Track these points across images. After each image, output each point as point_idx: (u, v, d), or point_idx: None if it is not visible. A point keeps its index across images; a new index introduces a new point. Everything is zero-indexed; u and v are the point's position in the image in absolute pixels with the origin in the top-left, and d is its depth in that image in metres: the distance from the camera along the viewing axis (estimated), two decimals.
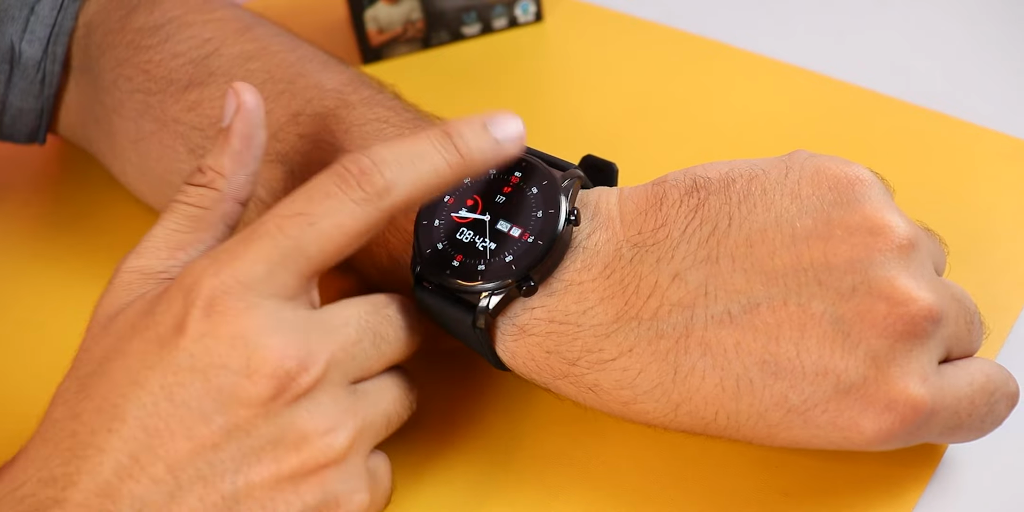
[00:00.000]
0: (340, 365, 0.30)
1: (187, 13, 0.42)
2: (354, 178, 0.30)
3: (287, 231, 0.30)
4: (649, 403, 0.32)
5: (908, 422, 0.30)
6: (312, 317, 0.30)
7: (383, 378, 0.33)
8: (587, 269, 0.33)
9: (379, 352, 0.32)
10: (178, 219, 0.34)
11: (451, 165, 0.32)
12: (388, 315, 0.33)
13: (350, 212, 0.30)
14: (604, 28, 0.57)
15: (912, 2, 0.57)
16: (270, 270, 0.29)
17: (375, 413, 0.32)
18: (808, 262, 0.31)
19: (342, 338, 0.31)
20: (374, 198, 0.30)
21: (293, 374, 0.29)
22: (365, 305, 0.32)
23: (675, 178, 0.34)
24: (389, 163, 0.31)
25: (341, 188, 0.30)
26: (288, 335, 0.29)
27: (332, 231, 0.30)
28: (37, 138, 0.46)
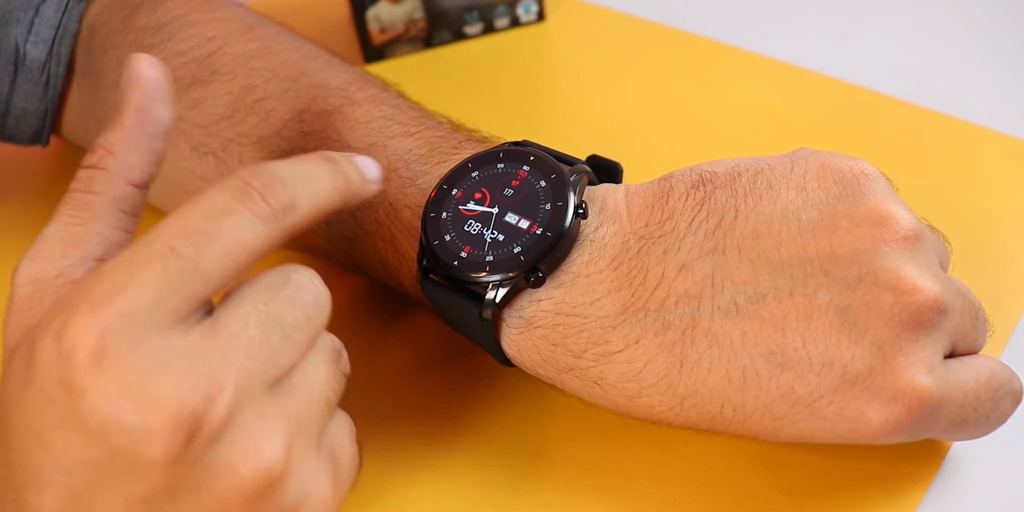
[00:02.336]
0: (253, 376, 0.27)
1: (190, 12, 0.42)
2: (257, 192, 0.28)
3: (181, 251, 0.26)
4: (655, 396, 0.32)
5: (914, 413, 0.30)
6: (207, 333, 0.27)
7: (306, 362, 0.29)
8: (594, 261, 0.33)
9: (292, 342, 0.28)
10: (69, 210, 0.30)
11: (339, 190, 0.30)
12: (288, 296, 0.29)
13: (253, 229, 0.27)
14: (606, 28, 0.57)
15: (914, 2, 0.58)
16: (158, 297, 0.26)
17: (309, 405, 0.29)
18: (814, 253, 0.31)
19: (245, 345, 0.27)
20: (279, 214, 0.28)
21: (200, 412, 0.25)
22: (258, 294, 0.28)
23: (681, 173, 0.34)
24: (287, 180, 0.28)
25: (243, 203, 0.27)
26: (183, 370, 0.26)
27: (235, 250, 0.27)
28: (40, 140, 0.47)
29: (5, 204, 0.50)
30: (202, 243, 0.27)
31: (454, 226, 0.34)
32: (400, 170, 0.37)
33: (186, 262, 0.26)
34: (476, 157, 0.35)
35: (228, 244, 0.27)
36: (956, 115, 0.49)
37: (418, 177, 0.37)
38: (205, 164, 0.40)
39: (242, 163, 0.40)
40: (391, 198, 0.37)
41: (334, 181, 0.30)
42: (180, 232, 0.27)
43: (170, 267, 0.26)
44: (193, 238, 0.27)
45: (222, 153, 0.40)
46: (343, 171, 0.31)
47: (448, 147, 0.37)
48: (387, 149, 0.37)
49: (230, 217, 0.27)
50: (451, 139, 0.38)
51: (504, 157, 0.35)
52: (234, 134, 0.40)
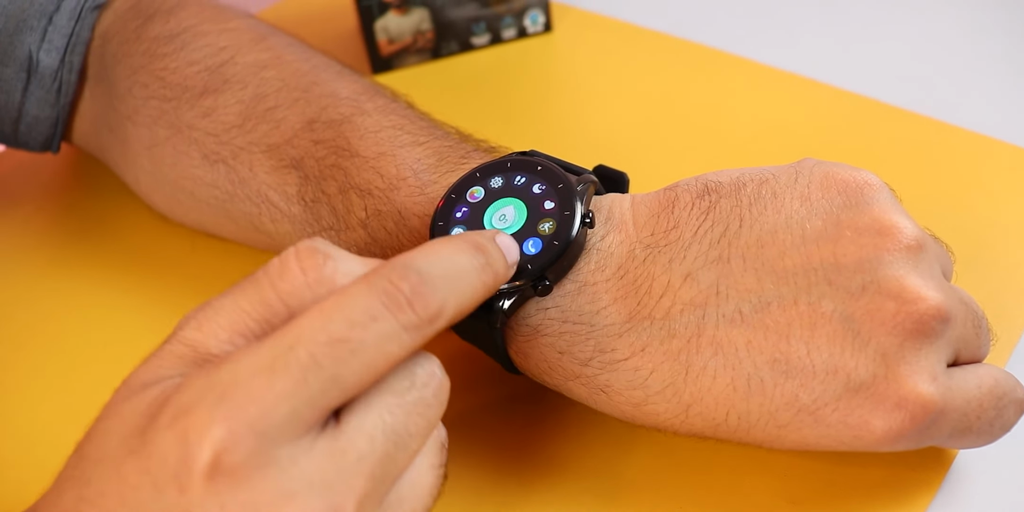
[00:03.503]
0: (371, 497, 0.26)
1: (202, 22, 0.43)
2: (405, 298, 0.26)
3: (322, 361, 0.25)
4: (660, 404, 0.32)
5: (918, 421, 0.30)
6: (333, 450, 0.25)
7: (414, 471, 0.28)
8: (601, 270, 0.33)
9: (408, 452, 0.27)
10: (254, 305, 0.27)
11: (486, 287, 0.29)
12: (414, 401, 0.27)
13: (398, 340, 0.26)
14: (613, 38, 0.58)
15: (917, 13, 0.58)
16: (294, 410, 0.24)
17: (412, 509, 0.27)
18: (818, 262, 0.31)
19: (370, 467, 0.26)
20: (425, 324, 0.26)
21: None
22: (386, 399, 0.27)
23: (687, 183, 0.34)
24: (437, 282, 0.27)
25: (391, 310, 0.26)
26: (309, 496, 0.24)
27: (377, 361, 0.25)
28: (51, 146, 0.47)
29: (16, 211, 0.51)
30: (345, 355, 0.25)
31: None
32: (409, 179, 0.37)
33: (327, 373, 0.25)
34: (484, 167, 0.36)
35: (372, 356, 0.25)
36: (960, 125, 0.49)
37: (427, 186, 0.37)
38: (216, 172, 0.41)
39: (252, 171, 0.40)
40: (400, 207, 0.37)
41: (483, 279, 0.29)
42: (323, 339, 0.25)
43: (310, 379, 0.25)
44: (336, 347, 0.25)
45: (233, 161, 0.40)
46: (492, 264, 0.30)
47: (456, 157, 0.38)
48: (396, 158, 0.38)
49: (376, 325, 0.26)
50: (459, 149, 0.38)
51: (512, 167, 0.35)
52: (245, 142, 0.40)
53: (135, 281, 0.46)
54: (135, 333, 0.43)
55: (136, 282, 0.46)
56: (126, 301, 0.45)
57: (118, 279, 0.46)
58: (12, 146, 0.47)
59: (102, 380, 0.29)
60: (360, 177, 0.38)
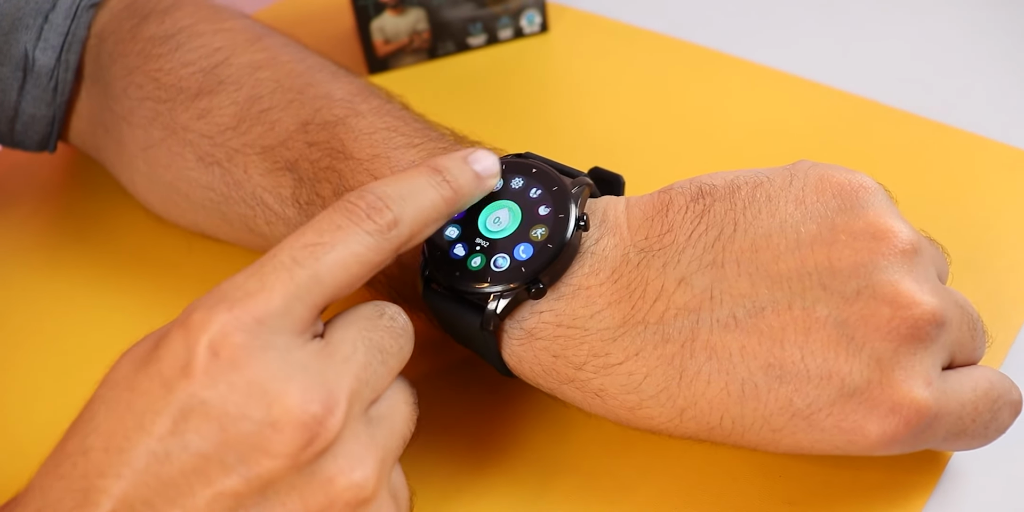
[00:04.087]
0: (359, 396, 0.29)
1: (198, 23, 0.43)
2: (363, 211, 0.30)
3: (302, 262, 0.29)
4: (655, 408, 0.32)
5: (912, 425, 0.30)
6: (323, 350, 0.29)
7: (391, 395, 0.31)
8: (595, 274, 0.33)
9: (387, 368, 0.31)
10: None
11: (446, 199, 0.32)
12: (386, 325, 0.31)
13: (364, 241, 0.30)
14: (609, 39, 0.58)
15: (915, 13, 0.58)
16: (287, 304, 0.28)
17: (393, 439, 0.30)
18: (812, 266, 0.31)
19: (355, 368, 0.29)
20: (384, 230, 0.30)
21: (320, 419, 0.27)
22: (362, 321, 0.31)
23: (681, 186, 0.34)
24: (392, 198, 0.31)
25: (352, 220, 0.30)
26: (306, 378, 0.27)
27: (348, 259, 0.29)
28: (48, 146, 0.47)
29: (13, 212, 0.50)
30: (320, 253, 0.29)
31: (457, 238, 0.35)
32: None
33: (308, 271, 0.29)
34: None
35: (343, 254, 0.29)
36: (957, 126, 0.49)
37: None
38: (211, 174, 0.41)
39: (247, 173, 0.40)
40: None
41: (440, 192, 0.32)
42: (299, 245, 0.29)
43: (295, 276, 0.28)
44: (311, 249, 0.29)
45: (227, 163, 0.40)
46: (450, 179, 0.33)
47: None
48: (390, 160, 0.38)
49: (340, 231, 0.30)
50: (454, 151, 0.38)
51: (507, 169, 0.35)
52: (239, 144, 0.40)
53: (132, 282, 0.46)
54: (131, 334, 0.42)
55: (133, 283, 0.46)
56: (122, 302, 0.45)
57: (115, 280, 0.46)
58: (8, 146, 0.47)
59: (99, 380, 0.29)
60: (354, 179, 0.38)
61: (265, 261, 0.29)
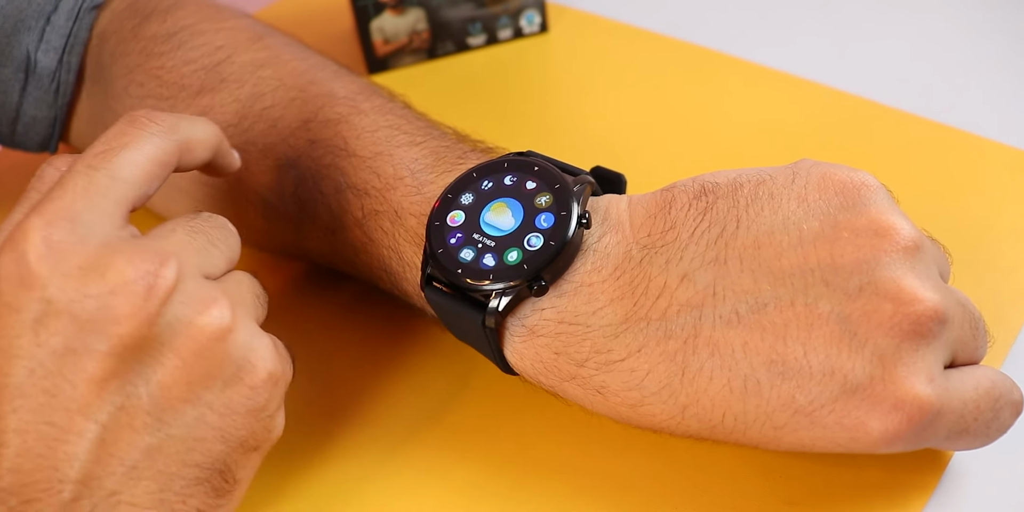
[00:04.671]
0: (189, 259, 0.31)
1: (199, 22, 0.43)
2: (143, 117, 0.33)
3: (96, 165, 0.31)
4: (657, 405, 0.32)
5: (914, 422, 0.30)
6: (142, 236, 0.31)
7: (230, 273, 0.33)
8: (597, 271, 0.33)
9: (217, 249, 0.32)
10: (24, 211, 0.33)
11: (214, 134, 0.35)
12: (205, 219, 0.33)
13: (149, 141, 0.32)
14: (609, 39, 0.58)
15: (914, 13, 0.58)
16: (91, 202, 0.30)
17: (240, 292, 0.32)
18: (815, 263, 0.31)
19: (176, 240, 0.31)
20: (166, 131, 0.33)
21: (154, 273, 0.29)
22: (179, 219, 0.33)
23: (684, 184, 0.34)
24: (165, 116, 0.33)
25: (134, 126, 0.32)
26: (131, 249, 0.29)
27: (139, 156, 0.31)
28: (49, 147, 0.47)
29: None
30: (111, 156, 0.31)
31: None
32: (406, 179, 0.37)
33: (103, 172, 0.31)
34: (481, 167, 0.36)
35: (131, 154, 0.32)
36: (957, 126, 0.49)
37: (423, 186, 0.37)
38: None
39: (248, 170, 0.40)
40: (396, 206, 0.37)
41: (209, 127, 0.35)
42: (90, 154, 0.31)
43: (93, 178, 0.30)
44: (102, 154, 0.31)
45: None
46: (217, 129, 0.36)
47: (453, 157, 0.38)
48: (393, 158, 0.38)
49: (126, 135, 0.32)
50: (456, 149, 0.38)
51: (508, 167, 0.35)
52: (241, 141, 0.40)
53: None
54: None
55: None
56: None
57: None
58: (9, 146, 0.47)
59: None
60: (356, 177, 0.38)
61: (64, 174, 0.31)
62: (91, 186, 0.30)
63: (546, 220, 0.34)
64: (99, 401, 0.28)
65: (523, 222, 0.34)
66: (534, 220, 0.34)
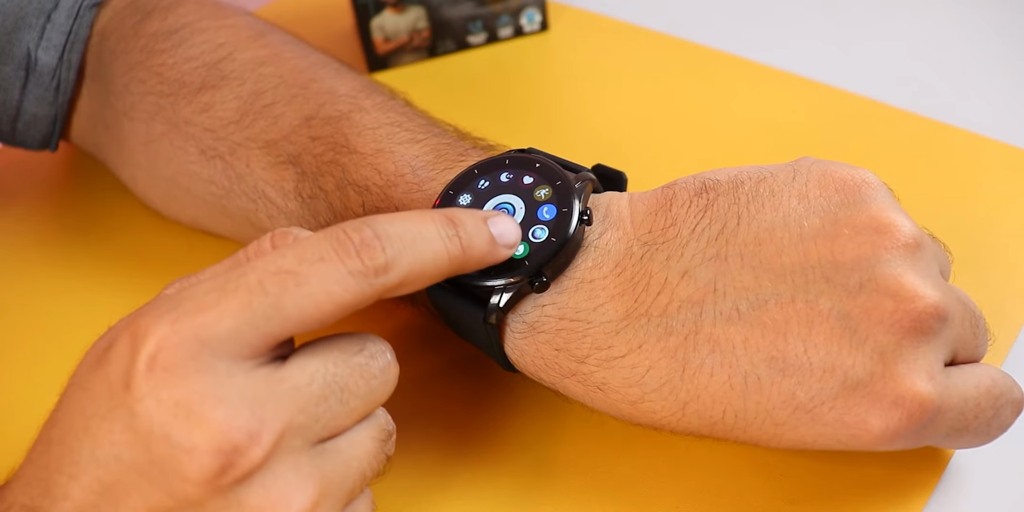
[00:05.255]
0: (300, 430, 0.27)
1: (200, 19, 0.43)
2: (354, 247, 0.28)
3: (268, 288, 0.27)
4: (657, 402, 0.32)
5: (915, 419, 0.30)
6: (271, 377, 0.27)
7: (354, 432, 0.29)
8: (598, 267, 0.33)
9: (348, 409, 0.29)
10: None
11: (451, 257, 0.30)
12: (359, 364, 0.29)
13: (343, 281, 0.28)
14: (609, 37, 0.58)
15: (916, 13, 0.58)
16: (236, 328, 0.27)
17: (344, 473, 0.29)
18: (816, 260, 0.31)
19: (303, 400, 0.27)
20: (371, 273, 0.28)
21: (241, 450, 0.26)
22: (333, 353, 0.29)
23: (684, 181, 0.34)
24: (392, 239, 0.29)
25: (338, 254, 0.28)
26: (238, 405, 0.26)
27: (319, 296, 0.27)
28: (49, 145, 0.47)
29: (12, 209, 0.50)
30: (289, 284, 0.27)
31: None
32: (407, 176, 0.37)
33: (271, 299, 0.27)
34: (482, 164, 0.36)
35: (314, 291, 0.27)
36: (957, 125, 0.49)
37: (425, 183, 0.37)
38: (213, 168, 0.41)
39: (249, 167, 0.40)
40: (398, 203, 0.37)
41: (446, 247, 0.30)
42: (272, 269, 0.27)
43: (255, 301, 0.27)
44: (282, 277, 0.27)
45: (230, 157, 0.40)
46: (463, 236, 0.31)
47: (455, 154, 0.38)
48: (394, 155, 0.38)
49: (322, 264, 0.28)
50: (457, 146, 0.38)
51: (510, 164, 0.35)
52: (242, 138, 0.40)
53: (131, 280, 0.46)
54: None
55: (132, 281, 0.46)
56: (122, 300, 0.45)
57: (114, 278, 0.46)
58: (10, 144, 0.47)
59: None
60: (358, 173, 0.38)
61: (233, 277, 0.27)
62: (248, 311, 0.27)
63: (548, 212, 0.34)
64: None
65: (524, 219, 0.34)
66: (536, 213, 0.34)
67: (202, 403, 0.26)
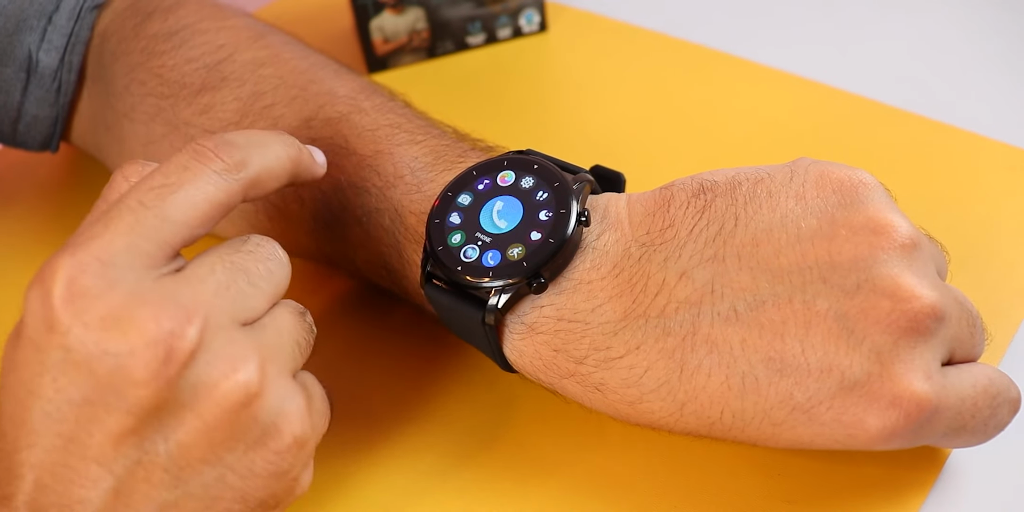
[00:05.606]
0: (222, 311, 0.29)
1: (201, 20, 0.43)
2: (210, 151, 0.31)
3: (147, 202, 0.29)
4: (655, 402, 0.32)
5: (912, 419, 0.30)
6: (177, 278, 0.29)
7: (273, 311, 0.31)
8: (596, 268, 0.33)
9: (257, 289, 0.31)
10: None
11: (290, 157, 0.33)
12: (249, 251, 0.31)
13: (211, 181, 0.30)
14: (608, 38, 0.58)
15: (914, 12, 0.58)
16: (131, 242, 0.28)
17: (279, 341, 0.31)
18: (813, 260, 0.31)
19: (213, 285, 0.29)
20: (232, 169, 0.31)
21: (177, 334, 0.27)
22: (222, 248, 0.31)
23: (682, 182, 0.34)
24: (240, 143, 0.32)
25: (198, 160, 0.30)
26: (158, 301, 0.28)
27: (196, 197, 0.30)
28: (50, 146, 0.47)
29: (11, 210, 0.51)
30: (166, 194, 0.29)
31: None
32: (406, 177, 0.37)
33: (154, 211, 0.29)
34: (480, 165, 0.36)
35: (190, 194, 0.30)
36: (956, 125, 0.49)
37: (423, 184, 0.37)
38: None
39: None
40: (397, 204, 0.37)
41: (286, 149, 0.33)
42: (145, 188, 0.30)
43: (140, 217, 0.29)
44: (157, 191, 0.29)
45: None
46: (296, 144, 0.34)
47: (453, 155, 0.38)
48: (393, 156, 0.38)
49: (187, 172, 0.30)
50: (456, 148, 0.38)
51: (508, 165, 0.35)
52: None
53: None
54: None
55: None
56: None
57: None
58: (11, 146, 0.47)
59: None
60: (357, 175, 0.38)
61: (113, 205, 0.29)
62: (137, 225, 0.29)
63: (546, 213, 0.34)
64: (115, 454, 0.28)
65: (523, 220, 0.34)
66: (535, 214, 0.34)
67: (125, 308, 0.27)
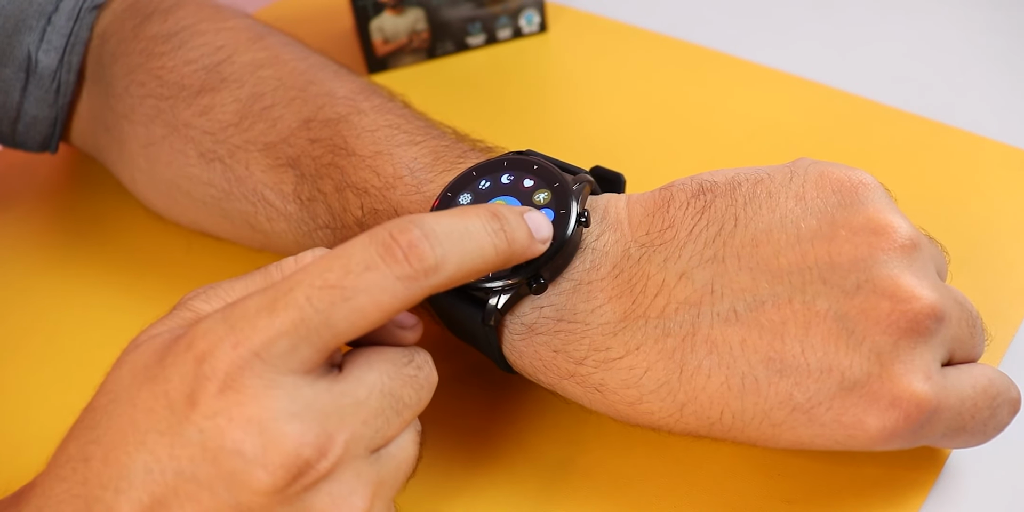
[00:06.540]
0: (362, 441, 0.28)
1: (200, 22, 0.43)
2: (401, 250, 0.28)
3: (317, 304, 0.27)
4: (655, 403, 0.32)
5: (912, 419, 0.30)
6: (333, 390, 0.28)
7: (401, 438, 0.30)
8: (596, 269, 0.33)
9: (400, 418, 0.30)
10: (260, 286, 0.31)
11: (498, 252, 0.30)
12: (409, 375, 0.30)
13: (391, 289, 0.27)
14: (608, 39, 0.58)
15: (914, 13, 0.58)
16: (293, 345, 0.27)
17: (395, 477, 0.30)
18: (813, 261, 0.31)
19: (364, 413, 0.28)
20: (420, 276, 0.28)
21: (311, 462, 0.27)
22: (386, 366, 0.30)
23: (682, 183, 0.34)
24: (440, 237, 0.28)
25: (385, 260, 0.27)
26: (306, 419, 0.27)
27: (368, 308, 0.27)
28: (49, 146, 0.47)
29: (11, 211, 0.51)
30: (337, 299, 0.27)
31: None
32: (405, 178, 0.37)
33: (322, 316, 0.27)
34: (480, 166, 0.36)
35: (362, 303, 0.27)
36: (955, 125, 0.49)
37: (423, 185, 0.37)
38: (212, 170, 0.41)
39: (249, 169, 0.40)
40: (396, 205, 0.37)
41: (493, 242, 0.30)
42: (319, 284, 0.27)
43: (306, 319, 0.27)
44: (329, 292, 0.27)
45: (229, 159, 0.40)
46: (507, 230, 0.31)
47: (453, 156, 0.38)
48: (392, 157, 0.38)
49: (369, 273, 0.27)
50: (456, 148, 0.38)
51: (508, 166, 0.35)
52: (241, 141, 0.40)
53: (131, 281, 0.46)
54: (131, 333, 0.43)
55: (132, 282, 0.46)
56: (122, 301, 0.45)
57: (114, 279, 0.46)
58: (10, 146, 0.47)
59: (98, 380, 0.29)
60: (356, 176, 0.38)
61: (281, 293, 0.27)
62: (301, 326, 0.27)
63: (546, 214, 0.34)
64: None
65: None
66: None
67: (275, 419, 0.26)
